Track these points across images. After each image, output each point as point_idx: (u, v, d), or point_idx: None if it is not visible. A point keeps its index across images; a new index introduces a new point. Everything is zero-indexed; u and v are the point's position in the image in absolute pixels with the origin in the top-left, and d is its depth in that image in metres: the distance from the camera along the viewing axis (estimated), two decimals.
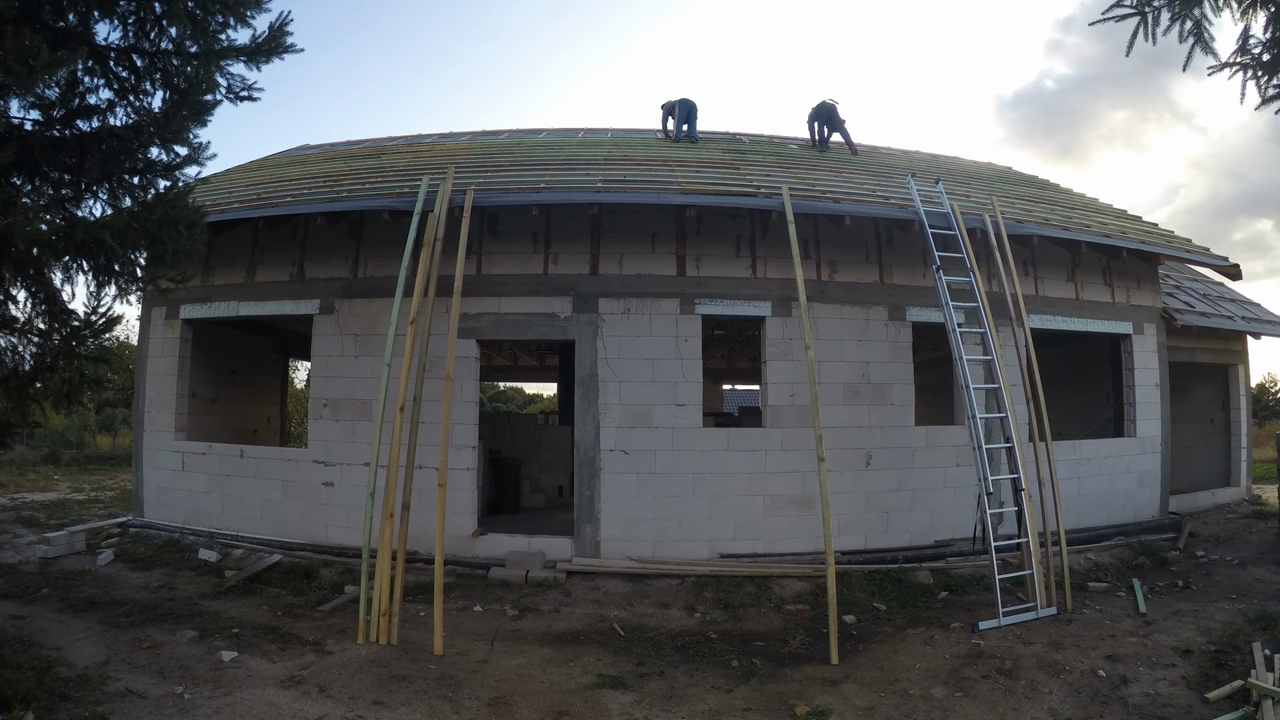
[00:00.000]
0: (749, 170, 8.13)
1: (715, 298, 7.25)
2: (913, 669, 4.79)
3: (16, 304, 4.38)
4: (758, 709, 4.23)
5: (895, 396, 7.40)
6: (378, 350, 7.28)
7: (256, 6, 4.47)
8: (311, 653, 4.89)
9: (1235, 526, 8.89)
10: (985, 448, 6.07)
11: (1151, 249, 8.21)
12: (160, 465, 8.10)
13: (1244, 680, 4.22)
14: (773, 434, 7.13)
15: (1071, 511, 7.90)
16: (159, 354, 8.23)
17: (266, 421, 10.86)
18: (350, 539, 7.10)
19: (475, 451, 7.20)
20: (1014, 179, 11.22)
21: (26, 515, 9.47)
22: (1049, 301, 8.23)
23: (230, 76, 4.55)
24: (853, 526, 7.12)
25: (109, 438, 20.18)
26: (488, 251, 7.35)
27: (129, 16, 4.34)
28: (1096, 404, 10.03)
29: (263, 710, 4.01)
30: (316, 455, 7.36)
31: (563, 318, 7.19)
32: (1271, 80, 3.98)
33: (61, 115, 4.21)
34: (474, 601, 6.16)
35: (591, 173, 7.62)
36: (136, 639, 4.97)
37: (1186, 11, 3.98)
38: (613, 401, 7.04)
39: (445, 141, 11.49)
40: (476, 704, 4.22)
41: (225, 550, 7.32)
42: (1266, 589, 6.36)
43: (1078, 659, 4.82)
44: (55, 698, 3.94)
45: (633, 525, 6.94)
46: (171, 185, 4.58)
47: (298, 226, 7.73)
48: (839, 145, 10.61)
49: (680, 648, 5.21)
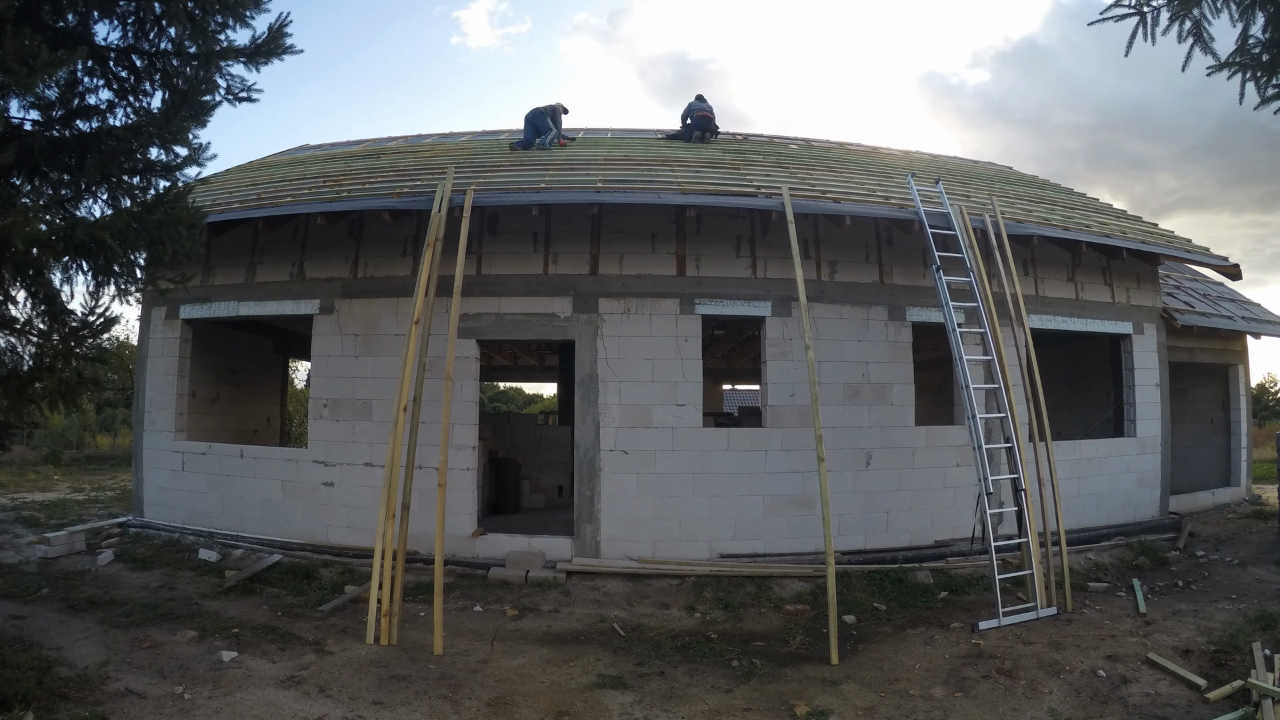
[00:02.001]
0: (749, 170, 8.13)
1: (715, 298, 7.25)
2: (913, 669, 4.79)
3: (16, 304, 4.38)
4: (758, 709, 4.23)
5: (895, 396, 7.40)
6: (378, 350, 7.30)
7: (256, 7, 4.47)
8: (311, 653, 4.90)
9: (1235, 526, 8.89)
10: (985, 448, 6.07)
11: (1151, 249, 8.20)
12: (160, 465, 8.10)
13: (1244, 680, 4.23)
14: (772, 434, 7.13)
15: (1071, 511, 7.90)
16: (159, 354, 8.23)
17: (266, 421, 10.86)
18: (350, 539, 7.11)
19: (475, 451, 7.20)
20: (1014, 179, 11.22)
21: (26, 515, 9.47)
22: (1049, 301, 8.23)
23: (230, 77, 4.55)
24: (853, 526, 7.12)
25: (109, 438, 20.17)
26: (488, 251, 7.35)
27: (129, 17, 4.34)
28: (1096, 404, 10.03)
29: (263, 710, 4.01)
30: (316, 455, 7.36)
31: (563, 318, 7.19)
32: (1271, 80, 3.97)
33: (61, 115, 4.22)
34: (474, 601, 6.16)
35: (591, 173, 7.62)
36: (136, 639, 4.97)
37: (1186, 11, 3.98)
38: (613, 401, 7.04)
39: (445, 141, 11.50)
40: (476, 704, 4.22)
41: (225, 550, 7.32)
42: (1266, 589, 6.36)
43: (1078, 659, 4.83)
44: (55, 698, 3.95)
45: (633, 525, 6.94)
46: (171, 185, 4.58)
47: (298, 226, 7.73)
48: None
49: (680, 648, 5.21)
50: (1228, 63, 4.02)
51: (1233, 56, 4.00)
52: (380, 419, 7.08)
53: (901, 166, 9.70)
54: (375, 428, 7.13)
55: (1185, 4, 3.94)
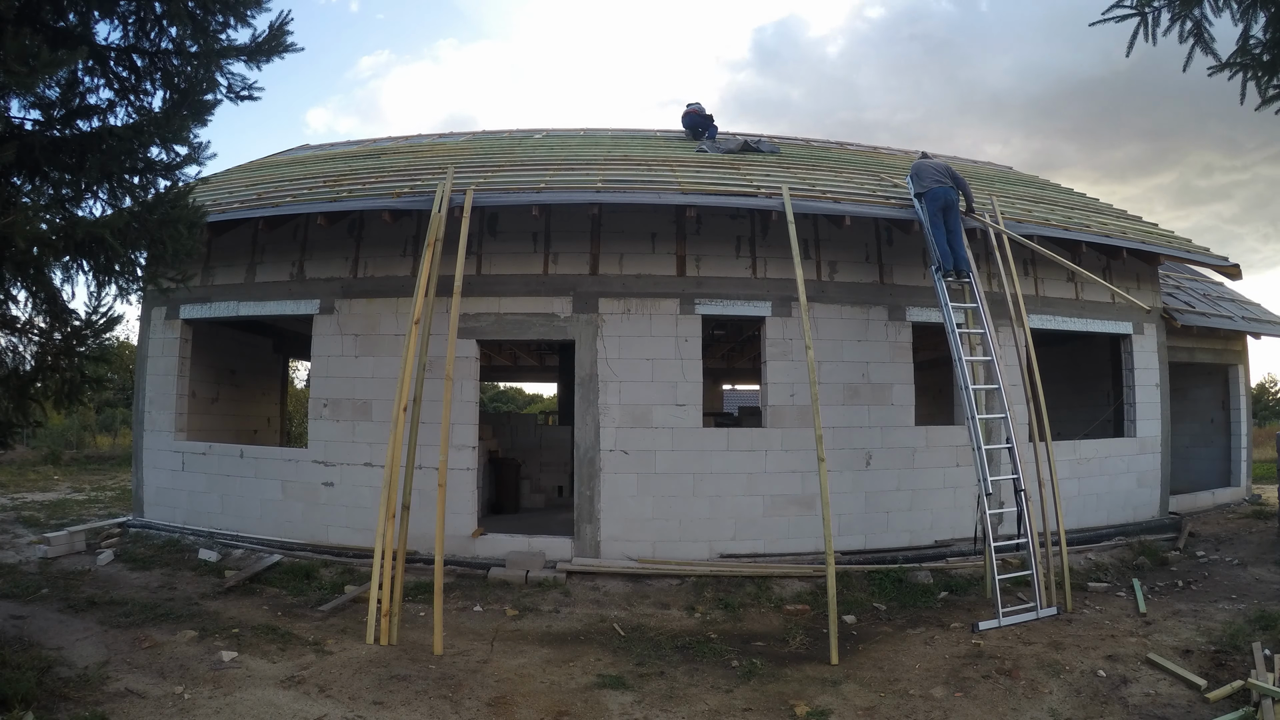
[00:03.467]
0: (749, 170, 8.12)
1: (715, 298, 7.25)
2: (913, 669, 4.79)
3: (17, 304, 4.38)
4: (758, 709, 4.23)
5: (895, 396, 7.40)
6: (378, 350, 7.30)
7: (257, 6, 4.48)
8: (311, 653, 4.89)
9: (1235, 526, 8.89)
10: (985, 448, 6.07)
11: (1151, 249, 8.21)
12: (160, 465, 8.10)
13: (1244, 680, 4.22)
14: (773, 434, 7.13)
15: (1071, 511, 7.90)
16: (159, 354, 8.23)
17: (266, 421, 10.86)
18: (350, 539, 7.11)
19: (475, 451, 7.20)
20: (1014, 179, 11.23)
21: (26, 515, 9.47)
22: (1049, 301, 8.23)
23: (230, 76, 4.56)
24: (853, 526, 7.12)
25: (109, 438, 20.16)
26: (488, 251, 7.35)
27: (129, 16, 4.34)
28: (1097, 404, 10.04)
29: (263, 710, 4.01)
30: (316, 455, 7.36)
31: (563, 318, 7.19)
32: (1271, 81, 3.97)
33: (62, 115, 4.22)
34: (474, 601, 6.16)
35: (591, 173, 7.62)
36: (136, 639, 4.97)
37: (1186, 12, 3.97)
38: (613, 401, 7.04)
39: (445, 141, 11.50)
40: (476, 704, 4.22)
41: (225, 550, 7.32)
42: (1266, 589, 6.36)
43: (1078, 659, 4.82)
44: (55, 698, 3.94)
45: (633, 525, 6.94)
46: (171, 185, 4.58)
47: (298, 226, 7.73)
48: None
49: (680, 648, 5.21)
50: (1228, 63, 4.02)
51: (1233, 57, 4.00)
52: (380, 419, 7.08)
53: (901, 167, 9.70)
54: (375, 428, 7.13)
55: (1186, 4, 3.94)
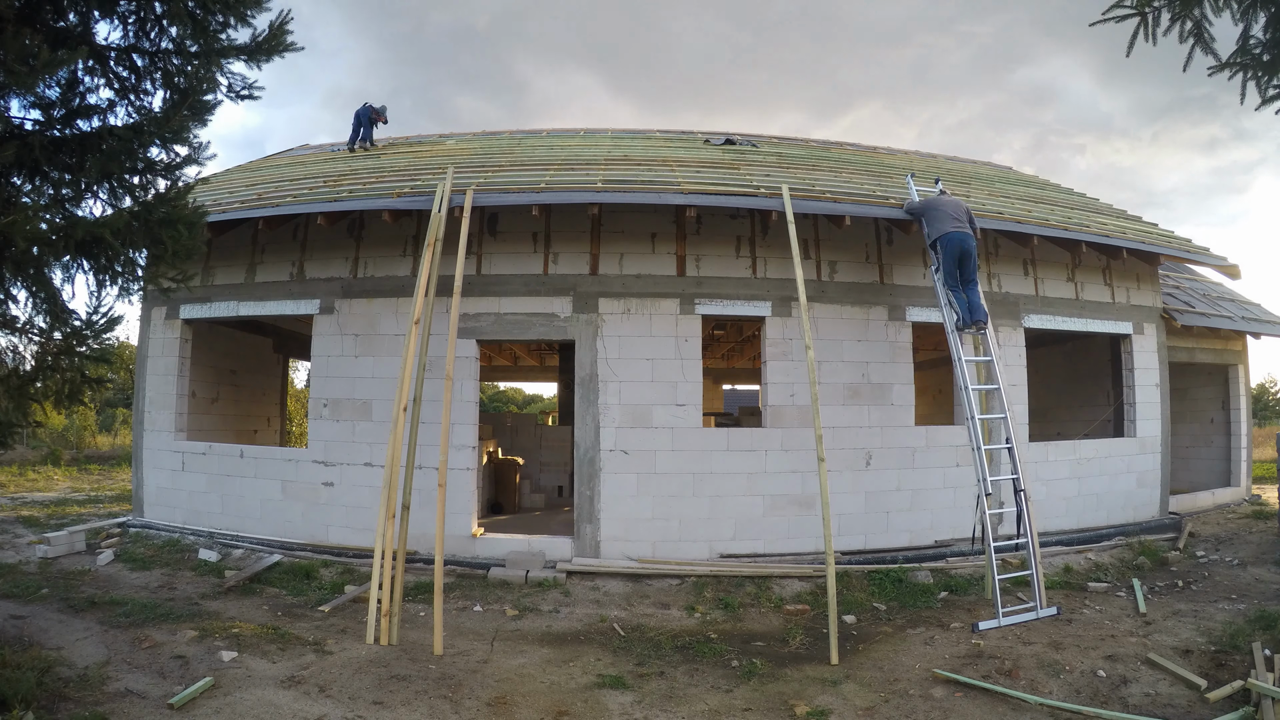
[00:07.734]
0: (749, 170, 8.13)
1: (715, 298, 7.25)
2: (913, 669, 4.79)
3: (17, 303, 4.37)
4: (758, 709, 4.23)
5: (895, 397, 7.40)
6: (378, 350, 7.30)
7: (257, 5, 4.46)
8: (311, 653, 4.89)
9: (1235, 527, 8.88)
10: (985, 448, 6.07)
11: (1151, 249, 8.21)
12: (160, 465, 8.10)
13: (1244, 680, 4.22)
14: (773, 434, 7.13)
15: (1071, 511, 7.92)
16: (159, 354, 8.23)
17: (266, 421, 10.86)
18: (350, 539, 7.11)
19: (475, 451, 7.20)
20: (1014, 179, 11.23)
21: (26, 515, 9.47)
22: (1049, 301, 8.23)
23: (231, 75, 4.54)
24: (853, 526, 7.12)
25: (109, 438, 20.17)
26: (488, 251, 7.35)
27: (129, 16, 4.33)
28: (1097, 404, 10.03)
29: (263, 710, 4.00)
30: (316, 455, 7.36)
31: (563, 318, 7.19)
32: (1271, 80, 3.98)
33: (62, 115, 4.21)
34: (474, 601, 6.16)
35: (591, 173, 7.62)
36: (136, 639, 4.97)
37: (1186, 12, 3.98)
38: (613, 401, 7.04)
39: (445, 141, 11.50)
40: (476, 704, 4.22)
41: (225, 550, 7.32)
42: (1266, 589, 6.36)
43: (1078, 659, 4.82)
44: (55, 698, 3.94)
45: (633, 525, 6.94)
46: (172, 185, 4.57)
47: (298, 226, 7.73)
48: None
49: (680, 648, 5.21)
50: (1228, 63, 4.02)
51: (1233, 57, 4.00)
52: (380, 419, 7.08)
53: (901, 167, 9.71)
54: (375, 428, 7.13)
55: (1186, 4, 3.94)
